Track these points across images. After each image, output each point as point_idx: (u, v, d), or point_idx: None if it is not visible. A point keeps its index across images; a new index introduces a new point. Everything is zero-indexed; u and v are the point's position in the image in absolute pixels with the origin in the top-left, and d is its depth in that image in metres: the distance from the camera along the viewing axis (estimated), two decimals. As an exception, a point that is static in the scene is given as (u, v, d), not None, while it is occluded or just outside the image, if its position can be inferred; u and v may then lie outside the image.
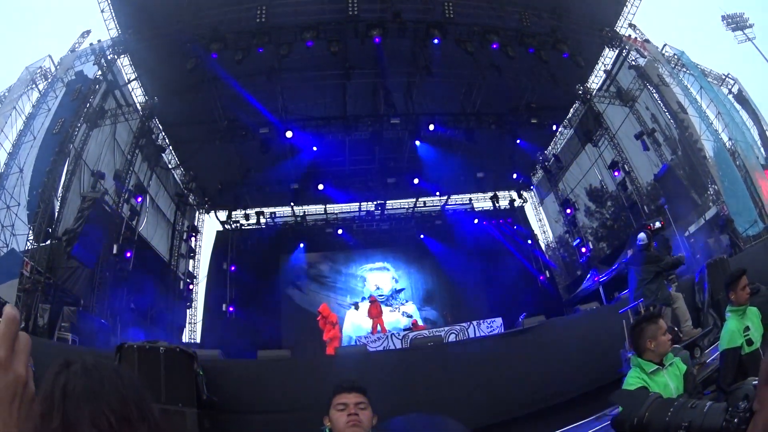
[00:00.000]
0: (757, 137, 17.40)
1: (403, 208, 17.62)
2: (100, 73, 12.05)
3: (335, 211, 17.19)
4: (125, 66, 12.37)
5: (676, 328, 5.68)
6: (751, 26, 19.39)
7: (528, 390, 6.60)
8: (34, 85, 12.35)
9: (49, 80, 12.24)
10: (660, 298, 6.08)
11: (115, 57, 12.10)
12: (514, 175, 16.83)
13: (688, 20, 44.67)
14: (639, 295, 6.19)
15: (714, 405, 1.23)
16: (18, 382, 0.63)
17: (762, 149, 17.48)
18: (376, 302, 12.94)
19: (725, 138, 15.25)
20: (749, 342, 3.31)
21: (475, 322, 10.47)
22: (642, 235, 6.68)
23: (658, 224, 9.71)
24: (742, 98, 16.73)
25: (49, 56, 12.43)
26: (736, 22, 19.50)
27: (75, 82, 11.92)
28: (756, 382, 0.96)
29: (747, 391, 1.24)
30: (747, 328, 3.37)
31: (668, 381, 2.79)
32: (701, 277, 7.90)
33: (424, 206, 17.62)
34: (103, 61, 11.96)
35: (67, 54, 12.37)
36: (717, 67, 16.36)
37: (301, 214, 16.99)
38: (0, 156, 10.98)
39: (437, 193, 16.89)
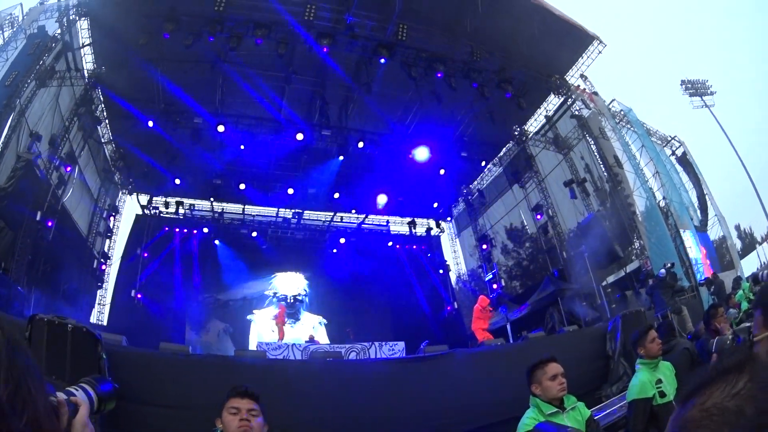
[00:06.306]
0: (695, 199, 17.98)
1: (320, 220, 17.48)
2: (59, 31, 12.08)
3: (252, 213, 16.98)
4: (83, 29, 12.36)
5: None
6: (712, 94, 19.80)
7: (422, 417, 6.53)
8: (0, 32, 12.41)
9: (14, 29, 12.29)
10: (674, 308, 9.49)
11: (76, 18, 12.11)
12: (435, 204, 16.86)
13: (645, 79, 45.13)
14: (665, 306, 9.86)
15: None
16: None
17: (698, 211, 18.10)
18: (283, 308, 13.13)
19: (659, 196, 15.75)
20: (662, 394, 3.28)
21: (377, 343, 10.20)
22: (662, 271, 11.01)
23: (665, 269, 11.33)
24: (685, 161, 17.22)
25: (20, 4, 12.45)
26: (696, 88, 19.81)
27: (35, 36, 11.89)
28: None
29: None
30: (659, 381, 3.35)
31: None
32: (614, 326, 8.11)
33: (341, 221, 17.50)
34: (65, 20, 11.98)
35: (36, 5, 12.37)
36: (666, 128, 16.87)
37: (219, 210, 16.63)
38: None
39: (353, 211, 16.87)
